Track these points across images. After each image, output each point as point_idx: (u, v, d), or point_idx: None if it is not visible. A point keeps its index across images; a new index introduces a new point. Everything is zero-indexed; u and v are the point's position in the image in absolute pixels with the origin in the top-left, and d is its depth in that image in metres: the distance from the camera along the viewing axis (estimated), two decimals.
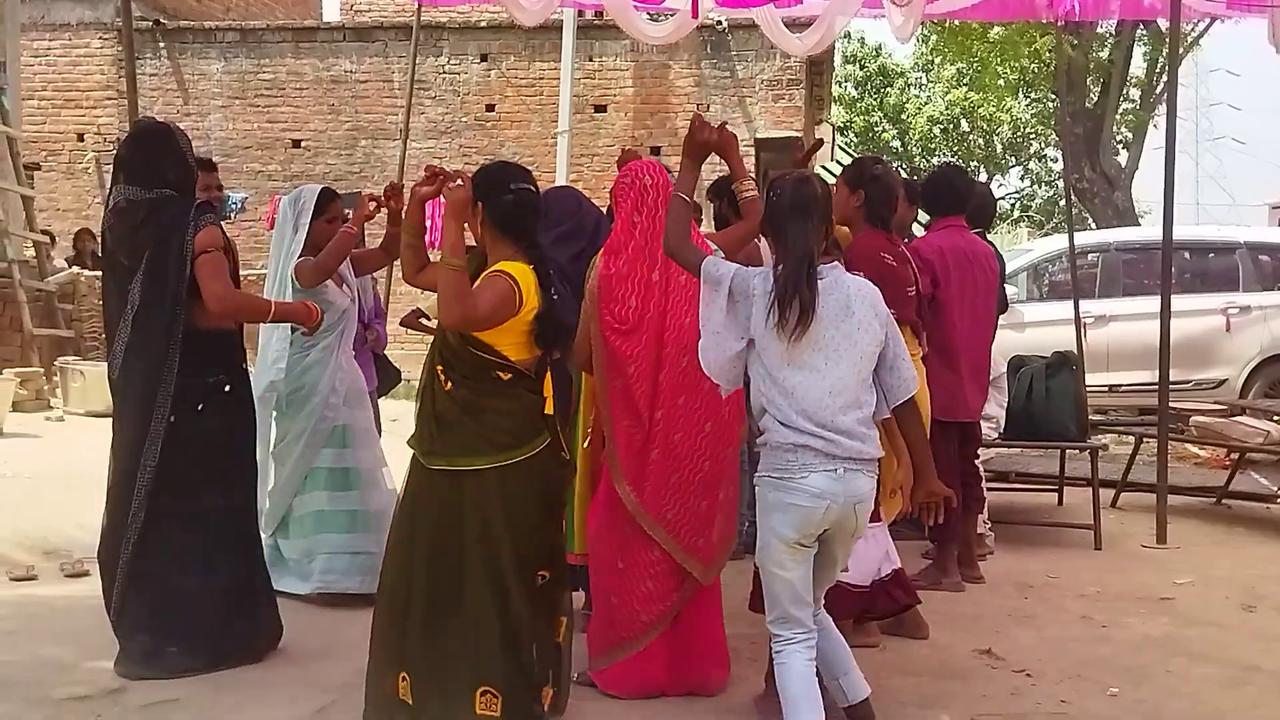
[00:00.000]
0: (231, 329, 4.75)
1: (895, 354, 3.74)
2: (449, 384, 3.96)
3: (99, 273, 14.42)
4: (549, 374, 4.12)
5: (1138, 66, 23.57)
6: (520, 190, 4.02)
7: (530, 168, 5.07)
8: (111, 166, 4.90)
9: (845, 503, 3.60)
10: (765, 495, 3.67)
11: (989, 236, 7.12)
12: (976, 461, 6.49)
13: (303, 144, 16.01)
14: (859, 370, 3.66)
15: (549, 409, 4.04)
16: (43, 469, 7.82)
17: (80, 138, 16.31)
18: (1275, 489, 8.36)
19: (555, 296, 4.00)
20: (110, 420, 4.79)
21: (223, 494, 4.68)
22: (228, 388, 4.68)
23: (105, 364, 5.18)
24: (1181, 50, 19.57)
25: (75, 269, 14.04)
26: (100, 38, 16.25)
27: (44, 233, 13.66)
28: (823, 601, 3.87)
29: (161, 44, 16.15)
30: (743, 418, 4.37)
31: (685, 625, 4.39)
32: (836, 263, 3.79)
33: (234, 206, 13.88)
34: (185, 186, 4.69)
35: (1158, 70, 22.16)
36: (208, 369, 4.62)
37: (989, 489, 7.00)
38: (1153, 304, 7.88)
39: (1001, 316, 6.85)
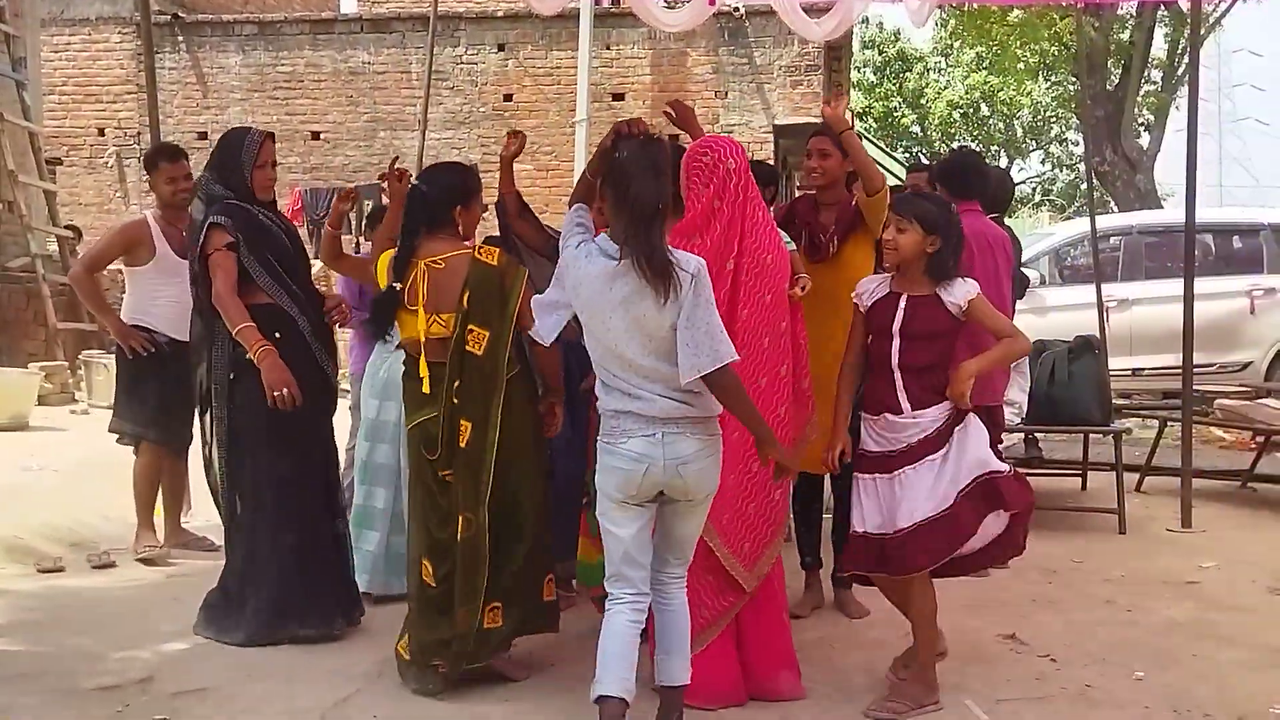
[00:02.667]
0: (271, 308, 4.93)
1: (688, 333, 3.59)
2: None
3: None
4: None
5: (1159, 48, 23.40)
6: (412, 189, 4.53)
7: (549, 157, 5.17)
8: None
9: (667, 465, 3.64)
10: (599, 458, 3.76)
11: (1006, 221, 7.09)
12: (1000, 447, 6.47)
13: (322, 136, 16.05)
14: (648, 344, 3.63)
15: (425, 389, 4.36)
16: (68, 462, 7.87)
17: (101, 132, 16.39)
18: None
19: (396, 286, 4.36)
20: None
21: (295, 457, 4.91)
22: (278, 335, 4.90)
23: None
24: (1203, 31, 19.49)
25: None
26: (119, 32, 16.30)
27: (67, 227, 13.73)
28: (679, 573, 3.88)
29: (180, 38, 16.20)
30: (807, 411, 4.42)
31: (749, 626, 4.31)
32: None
33: None
34: (238, 189, 5.01)
35: (1179, 52, 22.00)
36: (238, 347, 4.86)
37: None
38: (1176, 287, 7.84)
39: (1022, 301, 6.82)
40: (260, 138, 5.12)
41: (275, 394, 4.71)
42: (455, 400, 4.30)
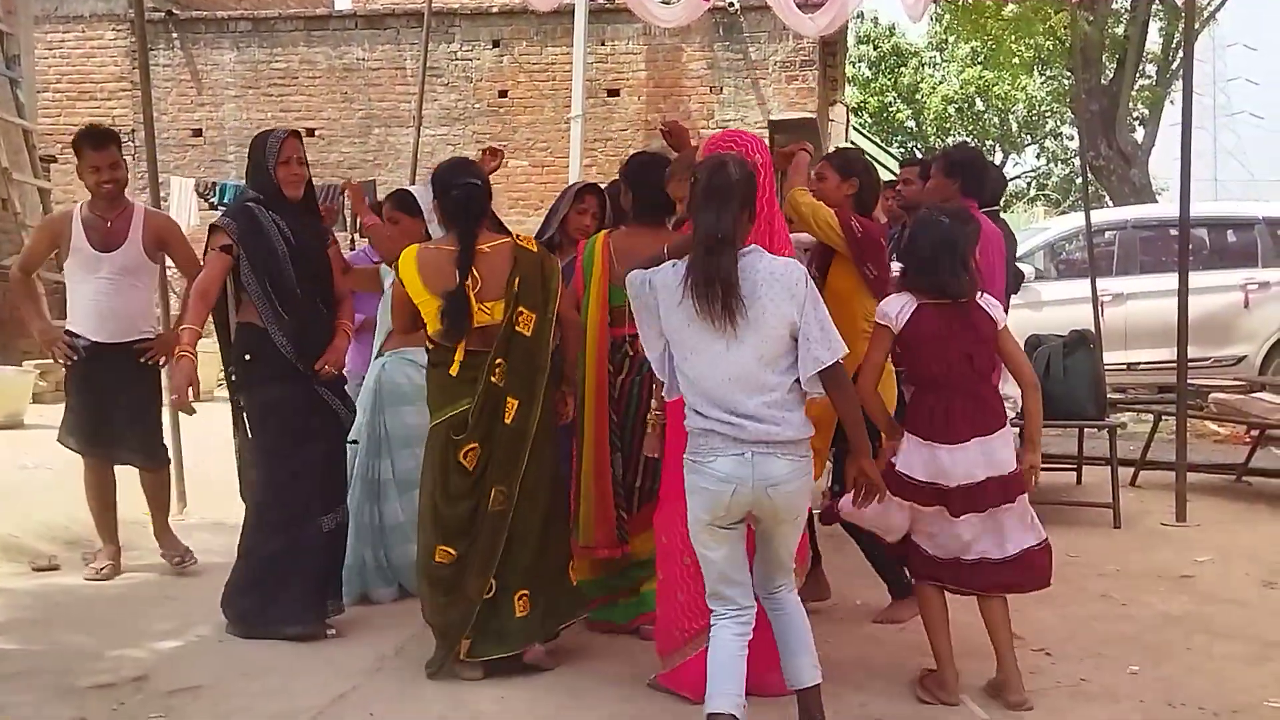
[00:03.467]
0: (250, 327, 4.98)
1: (805, 332, 3.64)
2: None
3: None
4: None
5: (1153, 42, 23.41)
6: (466, 184, 4.53)
7: (544, 153, 5.27)
8: None
9: (756, 486, 3.58)
10: (686, 477, 3.73)
11: (1001, 216, 7.08)
12: None
13: (317, 132, 16.02)
14: (762, 354, 3.61)
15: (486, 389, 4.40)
16: (63, 460, 7.81)
17: None
18: None
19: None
20: None
21: (293, 457, 4.92)
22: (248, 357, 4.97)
23: None
24: (1197, 25, 19.49)
25: None
26: (114, 29, 16.27)
27: None
28: (784, 583, 3.87)
29: (174, 35, 16.17)
30: None
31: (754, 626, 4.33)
32: (754, 246, 3.75)
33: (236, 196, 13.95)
34: (265, 190, 5.02)
35: (1174, 46, 22.01)
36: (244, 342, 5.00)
37: None
38: (1170, 281, 7.84)
39: (1017, 295, 6.82)
40: (282, 135, 5.09)
41: (174, 398, 4.89)
42: (499, 380, 4.40)
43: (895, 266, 4.60)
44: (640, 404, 4.80)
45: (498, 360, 4.40)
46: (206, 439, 7.97)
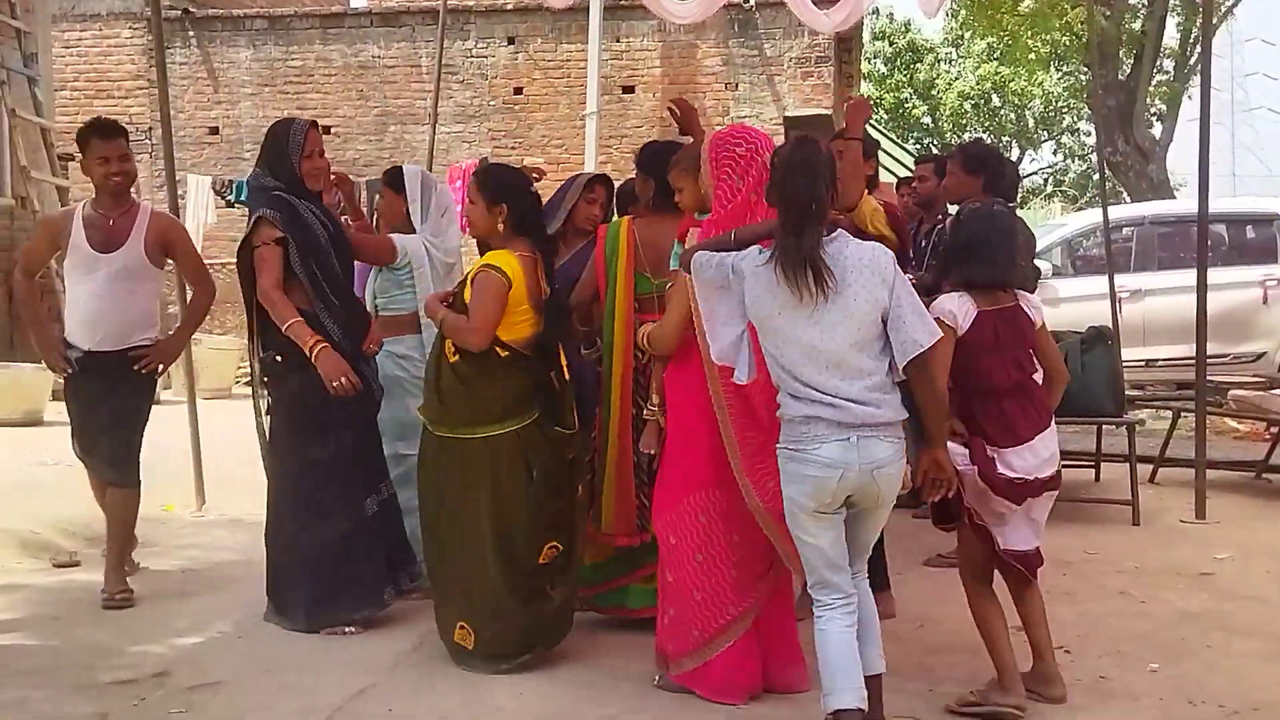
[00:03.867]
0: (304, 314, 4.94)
1: (899, 315, 3.64)
2: (455, 355, 4.49)
3: None
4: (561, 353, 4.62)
5: (1171, 37, 23.34)
6: (535, 193, 4.66)
7: (559, 149, 5.33)
8: None
9: (862, 470, 3.59)
10: (784, 466, 3.69)
11: (1017, 213, 7.07)
12: None
13: (332, 130, 16.03)
14: (855, 340, 3.62)
15: (559, 384, 4.58)
16: None
17: None
18: None
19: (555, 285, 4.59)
20: None
21: (325, 446, 4.94)
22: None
23: None
24: (1215, 20, 19.40)
25: None
26: (130, 27, 16.33)
27: None
28: (861, 569, 3.84)
29: (191, 33, 16.22)
30: None
31: (767, 621, 4.30)
32: (840, 231, 3.75)
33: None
34: (287, 180, 5.02)
35: (1191, 41, 21.94)
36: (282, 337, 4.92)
37: None
38: (1189, 277, 7.81)
39: (1034, 293, 6.79)
40: (305, 127, 5.11)
41: (334, 384, 4.77)
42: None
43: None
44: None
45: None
46: (225, 436, 8.02)
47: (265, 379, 5.16)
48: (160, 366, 5.56)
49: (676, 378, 4.28)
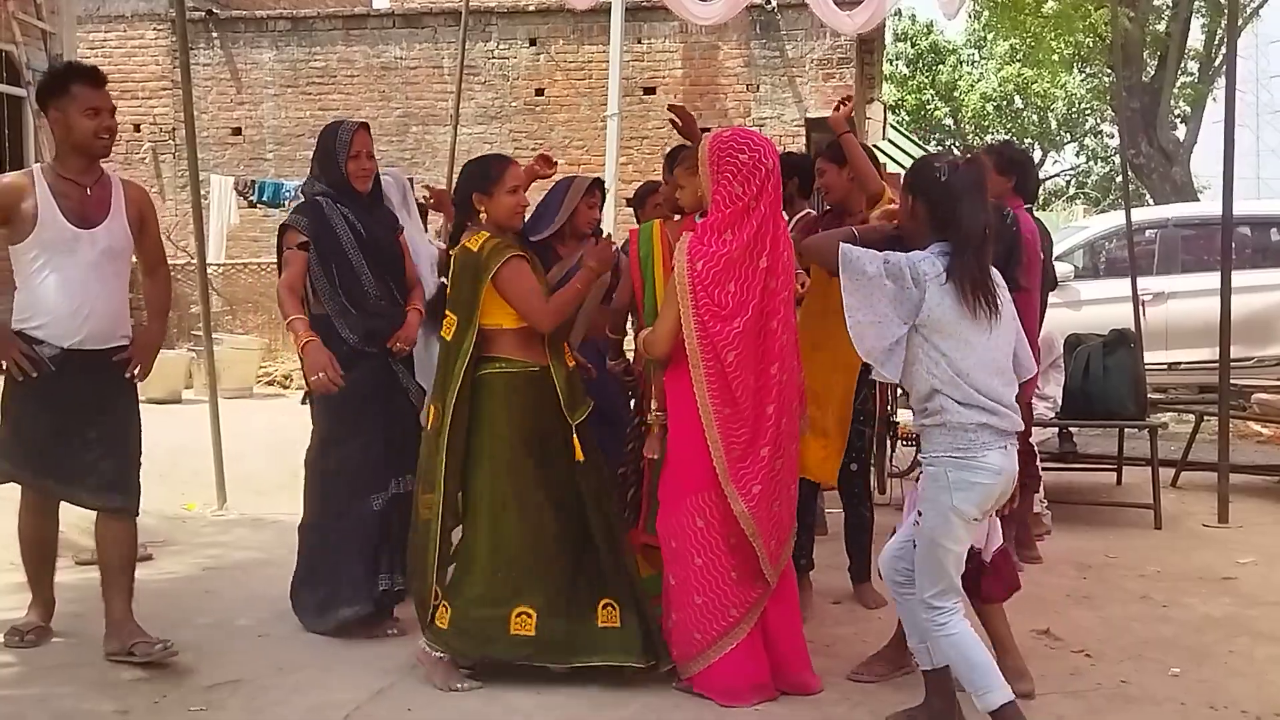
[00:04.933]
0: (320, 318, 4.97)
1: (1020, 340, 3.92)
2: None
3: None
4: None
5: (1195, 39, 23.21)
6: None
7: (580, 151, 5.33)
8: None
9: (1010, 475, 3.79)
10: (945, 474, 3.75)
11: (1036, 214, 7.04)
12: (1030, 440, 6.43)
13: None
14: (1007, 349, 3.83)
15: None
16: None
17: (137, 128, 16.48)
18: None
19: None
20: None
21: (344, 445, 4.93)
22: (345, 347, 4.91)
23: (163, 352, 5.33)
24: (1241, 21, 19.30)
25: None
26: (155, 29, 16.41)
27: None
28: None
29: (214, 34, 16.29)
30: None
31: (775, 623, 4.30)
32: None
33: (288, 194, 14.06)
34: (334, 182, 5.01)
35: (1216, 42, 21.81)
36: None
37: (1045, 469, 6.94)
38: (1212, 280, 7.77)
39: (1055, 294, 6.77)
40: (352, 128, 5.06)
41: (313, 379, 4.75)
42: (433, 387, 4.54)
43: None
44: None
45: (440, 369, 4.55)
46: (246, 435, 8.06)
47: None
48: (140, 369, 4.74)
49: (673, 384, 4.27)
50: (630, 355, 5.04)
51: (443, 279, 4.49)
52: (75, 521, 6.36)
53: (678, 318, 4.14)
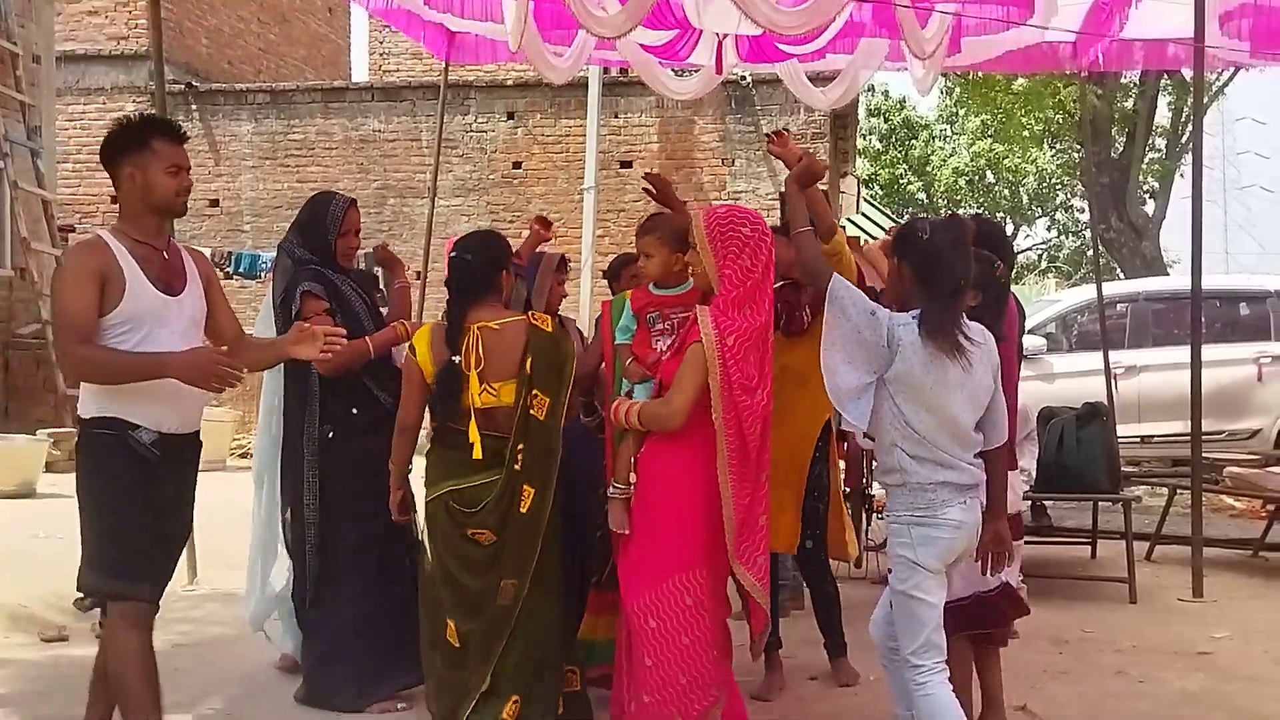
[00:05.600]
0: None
1: (996, 404, 3.93)
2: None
3: None
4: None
5: (1163, 116, 23.61)
6: (454, 259, 4.51)
7: (558, 223, 5.40)
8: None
9: (972, 529, 3.87)
10: (907, 531, 3.83)
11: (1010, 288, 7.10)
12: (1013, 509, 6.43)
13: None
14: (973, 410, 3.86)
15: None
16: (75, 530, 7.84)
17: (114, 199, 16.44)
18: None
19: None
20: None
21: (380, 515, 4.74)
22: (354, 410, 4.93)
23: None
24: (1206, 99, 19.64)
25: None
26: (134, 101, 16.48)
27: None
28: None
29: (194, 106, 16.39)
30: None
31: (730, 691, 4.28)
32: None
33: (265, 266, 14.06)
34: (320, 253, 5.01)
35: (1183, 119, 22.19)
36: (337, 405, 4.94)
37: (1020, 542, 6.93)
38: (1183, 354, 7.84)
39: (1026, 367, 6.81)
40: (344, 204, 5.07)
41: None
42: (519, 467, 4.30)
43: None
44: None
45: (519, 445, 4.30)
46: (219, 508, 7.96)
47: (331, 444, 4.99)
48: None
49: (667, 456, 4.15)
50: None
51: (452, 356, 4.42)
52: (43, 598, 6.30)
53: (699, 390, 4.08)
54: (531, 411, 4.32)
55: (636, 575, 4.18)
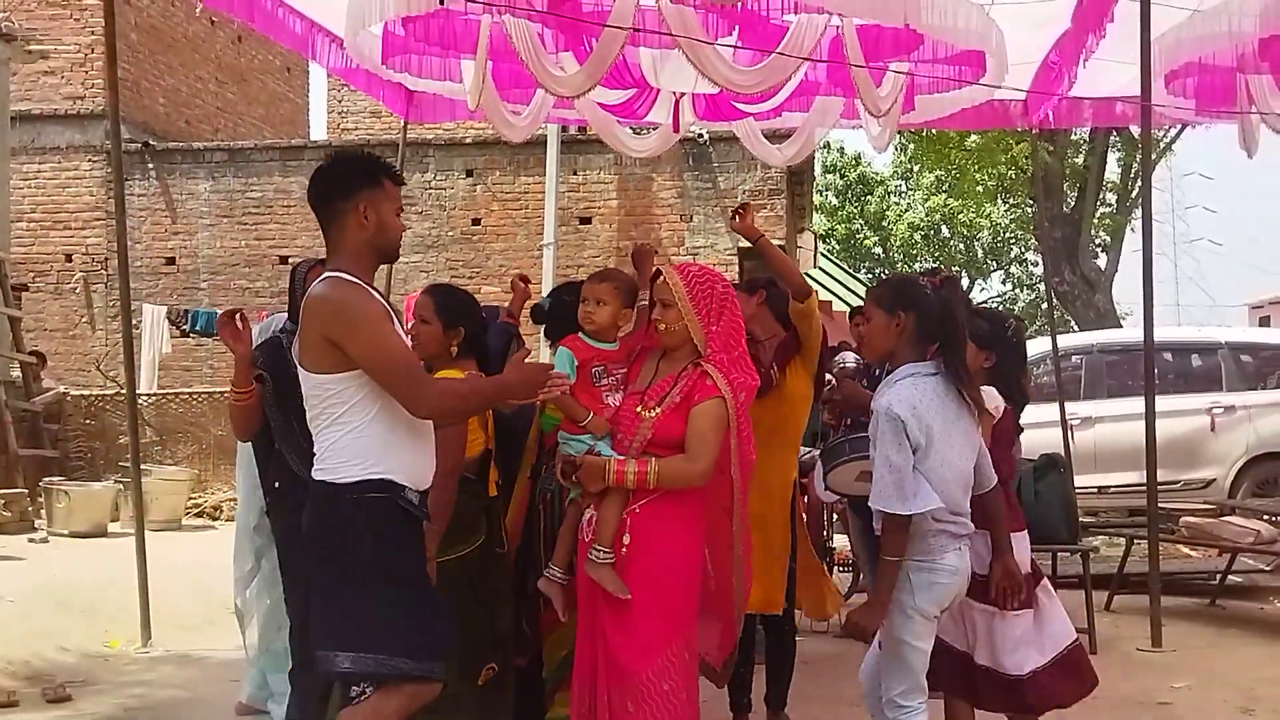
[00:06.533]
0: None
1: (983, 450, 4.09)
2: None
3: (86, 392, 14.41)
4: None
5: (1112, 172, 24.01)
6: (483, 317, 4.63)
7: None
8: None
9: (965, 576, 3.98)
10: (914, 577, 3.89)
11: None
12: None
13: (290, 260, 16.10)
14: (973, 460, 4.00)
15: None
16: (26, 591, 7.72)
17: (68, 258, 16.42)
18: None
19: None
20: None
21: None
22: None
23: (89, 484, 5.10)
24: (1155, 155, 20.03)
25: (62, 389, 14.01)
26: (90, 160, 16.44)
27: (32, 353, 13.68)
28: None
29: (150, 165, 16.34)
30: None
31: None
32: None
33: (208, 324, 13.98)
34: (296, 315, 4.78)
35: (1132, 175, 22.57)
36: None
37: None
38: (1138, 405, 7.92)
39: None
40: (308, 266, 4.95)
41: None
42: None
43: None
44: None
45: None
46: (173, 569, 7.88)
47: (269, 513, 4.90)
48: None
49: (670, 514, 4.04)
50: None
51: None
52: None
53: (722, 446, 4.07)
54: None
55: (641, 640, 4.00)
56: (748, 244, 5.30)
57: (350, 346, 3.45)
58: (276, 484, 4.78)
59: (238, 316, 4.50)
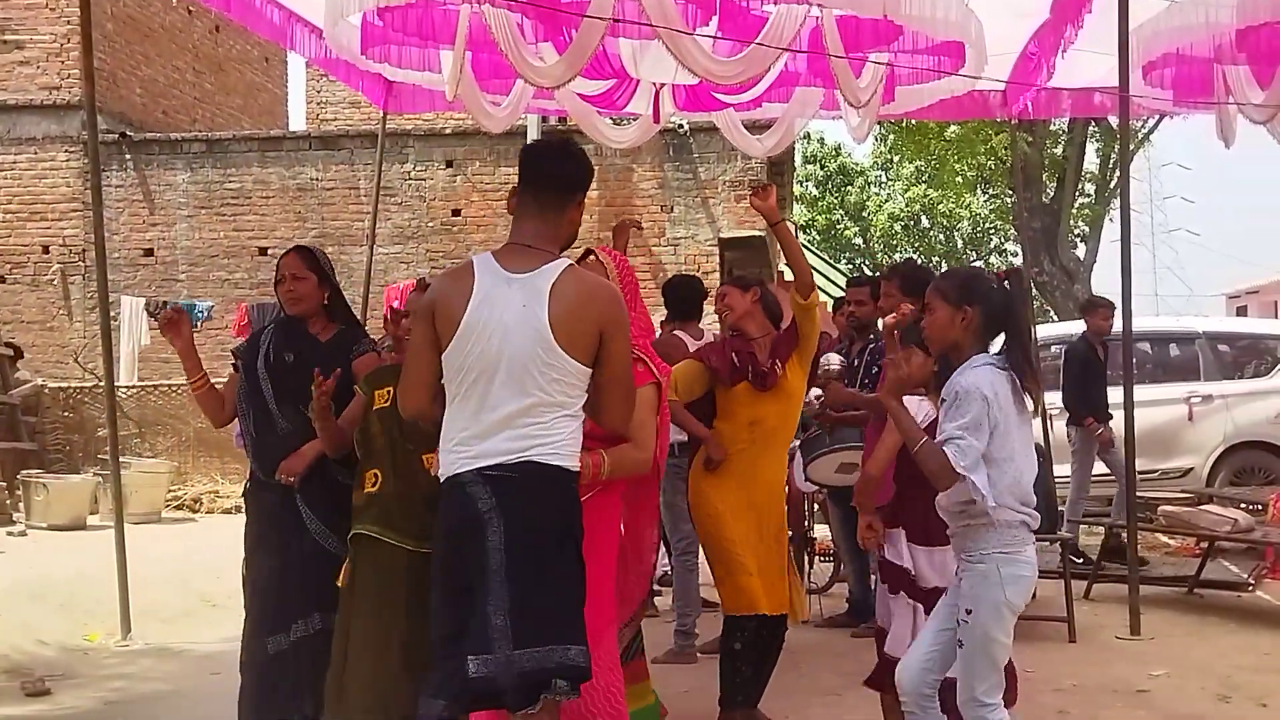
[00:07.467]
0: None
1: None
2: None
3: (64, 384, 14.33)
4: None
5: (1091, 162, 24.12)
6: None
7: None
8: None
9: (1036, 571, 3.97)
10: (996, 570, 3.85)
11: None
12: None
13: (269, 251, 16.04)
14: (1034, 458, 3.97)
15: None
16: (4, 585, 7.69)
17: (45, 250, 16.31)
18: (1246, 576, 8.37)
19: None
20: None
21: (251, 570, 4.61)
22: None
23: (68, 477, 5.07)
24: (1133, 146, 20.08)
25: (39, 381, 13.94)
26: (66, 151, 16.32)
27: (8, 345, 13.61)
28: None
29: (128, 156, 16.24)
30: None
31: None
32: None
33: (200, 315, 13.93)
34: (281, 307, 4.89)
35: (1111, 165, 22.66)
36: None
37: None
38: (1117, 394, 7.96)
39: None
40: (283, 254, 4.92)
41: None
42: None
43: None
44: None
45: None
46: (153, 561, 7.85)
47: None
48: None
49: (606, 505, 4.01)
50: None
51: None
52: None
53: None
54: None
55: (597, 634, 3.87)
56: (728, 235, 5.33)
57: (614, 342, 3.47)
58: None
59: (172, 308, 4.81)
